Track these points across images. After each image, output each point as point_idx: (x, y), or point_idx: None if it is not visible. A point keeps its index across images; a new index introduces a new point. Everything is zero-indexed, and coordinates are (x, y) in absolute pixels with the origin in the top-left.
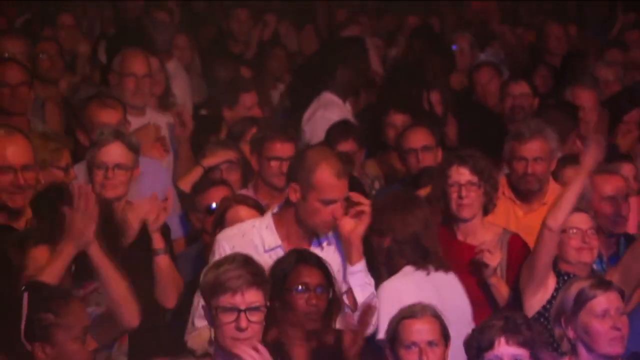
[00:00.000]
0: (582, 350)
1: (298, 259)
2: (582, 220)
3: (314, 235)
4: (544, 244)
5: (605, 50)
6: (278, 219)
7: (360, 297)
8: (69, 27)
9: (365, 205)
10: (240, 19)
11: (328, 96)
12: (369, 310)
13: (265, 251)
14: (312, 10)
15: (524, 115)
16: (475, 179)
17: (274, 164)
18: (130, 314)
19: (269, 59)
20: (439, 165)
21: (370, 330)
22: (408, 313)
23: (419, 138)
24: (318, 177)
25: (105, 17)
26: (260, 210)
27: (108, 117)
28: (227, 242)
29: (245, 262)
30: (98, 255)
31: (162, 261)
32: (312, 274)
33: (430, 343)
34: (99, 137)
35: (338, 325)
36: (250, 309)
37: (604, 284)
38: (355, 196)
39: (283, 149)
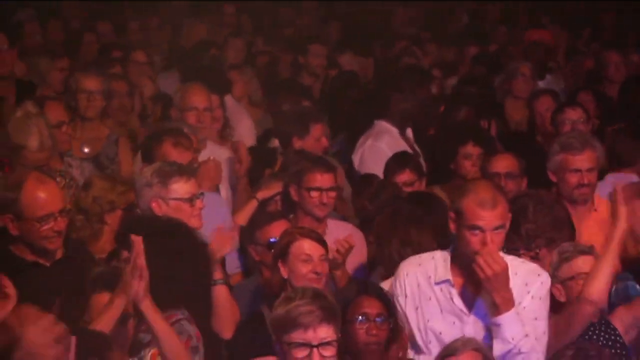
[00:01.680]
0: None
1: (359, 290)
2: (588, 264)
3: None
4: (583, 318)
5: None
6: (455, 254)
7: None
8: (140, 64)
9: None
10: (318, 53)
11: (381, 125)
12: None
13: (436, 284)
14: (371, 42)
15: None
16: None
17: (314, 194)
18: None
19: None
20: None
21: None
22: (450, 350)
23: (503, 164)
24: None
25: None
26: (323, 243)
27: (181, 155)
28: (404, 268)
29: (315, 296)
30: (150, 312)
31: (221, 291)
32: (372, 304)
33: None
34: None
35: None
36: (322, 344)
37: None
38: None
39: (323, 179)
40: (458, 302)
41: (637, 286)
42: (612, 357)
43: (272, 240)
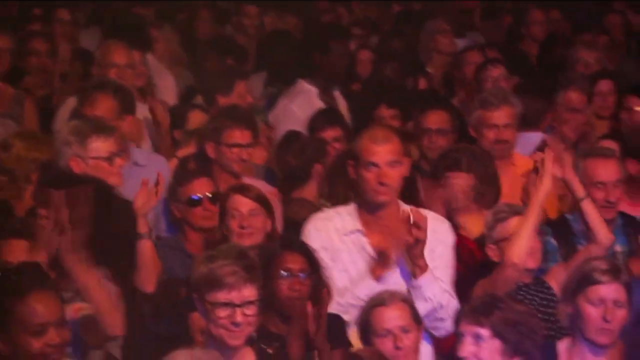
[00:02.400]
0: (577, 331)
1: (282, 246)
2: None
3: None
4: (506, 281)
5: (585, 33)
6: (360, 205)
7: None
8: (64, 22)
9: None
10: (250, 14)
11: (301, 85)
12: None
13: (346, 235)
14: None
15: None
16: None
17: (234, 150)
18: (113, 323)
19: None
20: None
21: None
22: (378, 301)
23: (435, 120)
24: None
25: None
26: (257, 198)
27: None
28: (313, 225)
29: (239, 256)
30: (75, 267)
31: (145, 245)
32: (296, 260)
33: (403, 329)
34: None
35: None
36: (245, 304)
37: (610, 273)
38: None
39: (242, 136)
40: (370, 250)
41: (554, 242)
42: (529, 313)
43: (193, 197)
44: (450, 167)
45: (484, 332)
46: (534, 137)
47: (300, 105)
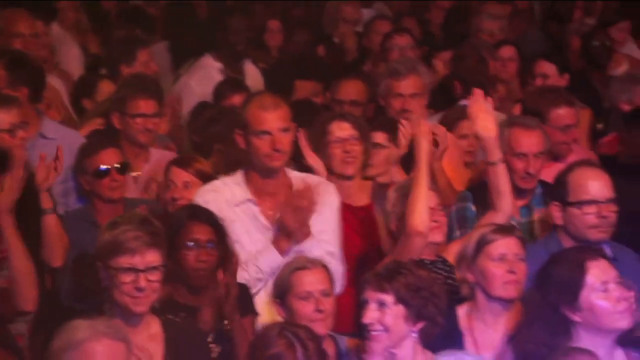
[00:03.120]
0: (479, 294)
1: (189, 216)
2: (430, 199)
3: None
4: (412, 251)
5: (490, 3)
6: (248, 174)
7: None
8: None
9: None
10: None
11: (205, 60)
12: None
13: (237, 205)
14: None
15: None
16: (357, 134)
17: (138, 120)
18: (26, 297)
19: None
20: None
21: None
22: (298, 265)
23: (348, 92)
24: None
25: None
26: (199, 174)
27: None
28: (202, 198)
29: (143, 222)
30: (7, 228)
31: (50, 220)
32: (202, 230)
33: (323, 292)
34: None
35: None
36: (149, 269)
37: (504, 230)
38: None
39: (147, 105)
40: (262, 219)
41: (474, 208)
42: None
43: (101, 168)
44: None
45: (388, 298)
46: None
47: (199, 80)
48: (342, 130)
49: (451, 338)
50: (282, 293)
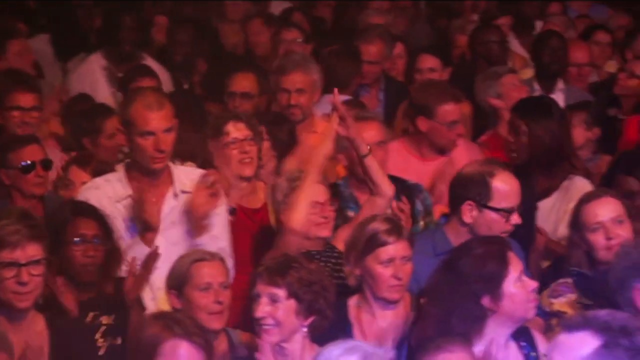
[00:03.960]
0: (367, 289)
1: (74, 211)
2: (320, 194)
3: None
4: (289, 246)
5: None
6: (129, 171)
7: None
8: None
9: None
10: None
11: (92, 57)
12: (153, 256)
13: (118, 201)
14: None
15: None
16: (252, 134)
17: (15, 114)
18: None
19: None
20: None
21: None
22: (197, 257)
23: (241, 84)
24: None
25: None
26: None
27: None
28: (84, 195)
29: (22, 216)
30: None
31: None
32: (89, 226)
33: (222, 284)
34: None
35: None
36: (30, 263)
37: (395, 231)
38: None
39: (25, 99)
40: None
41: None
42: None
43: (24, 163)
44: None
45: (280, 292)
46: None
47: (79, 76)
48: (238, 131)
49: (340, 329)
50: (180, 284)
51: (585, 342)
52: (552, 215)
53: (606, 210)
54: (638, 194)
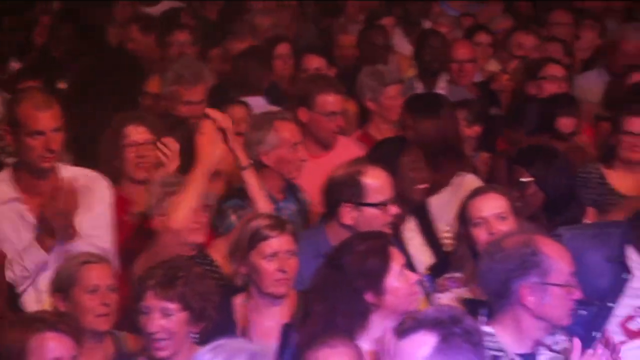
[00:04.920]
0: (253, 287)
1: None
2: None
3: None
4: (166, 248)
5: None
6: (14, 172)
7: None
8: None
9: None
10: None
11: None
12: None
13: (3, 204)
14: None
15: None
16: (153, 138)
17: None
18: None
19: None
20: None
21: None
22: (86, 258)
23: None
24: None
25: None
26: None
27: None
28: None
29: None
30: None
31: None
32: None
33: (109, 288)
34: None
35: None
36: None
37: (278, 226)
38: None
39: None
40: (30, 218)
41: None
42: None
43: None
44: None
45: (173, 305)
46: (256, 102)
47: None
48: (138, 134)
49: (226, 329)
50: (67, 286)
51: (423, 343)
52: (447, 211)
53: (490, 206)
54: (528, 185)
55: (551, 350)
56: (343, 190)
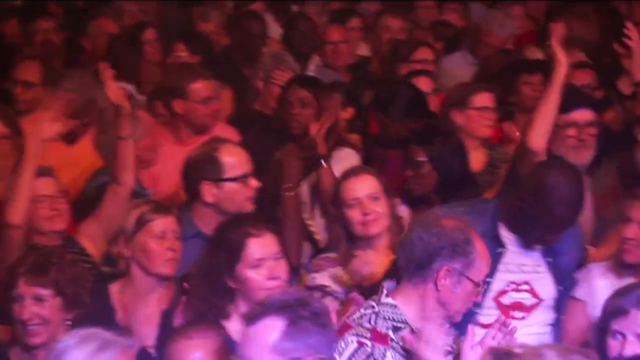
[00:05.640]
0: (136, 270)
1: None
2: (45, 186)
3: None
4: (11, 241)
5: None
6: None
7: None
8: None
9: None
10: None
11: None
12: None
13: None
14: None
15: None
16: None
17: None
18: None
19: None
20: None
21: None
22: None
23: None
24: None
25: None
26: None
27: None
28: None
29: None
30: None
31: None
32: None
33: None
34: None
35: None
36: None
37: (162, 209)
38: None
39: None
40: None
41: None
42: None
43: None
44: None
45: (45, 292)
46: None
47: None
48: None
49: (103, 317)
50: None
51: (271, 327)
52: None
53: (363, 186)
54: (423, 164)
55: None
56: (201, 168)
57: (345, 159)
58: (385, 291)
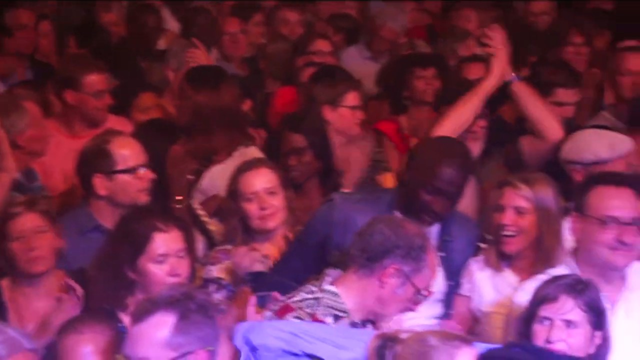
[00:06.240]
0: (13, 270)
1: None
2: None
3: None
4: None
5: None
6: None
7: None
8: None
9: None
10: None
11: None
12: None
13: None
14: None
15: None
16: None
17: None
18: None
19: None
20: None
21: None
22: None
23: None
24: None
25: None
26: None
27: None
28: None
29: None
30: None
31: None
32: None
33: None
34: None
35: None
36: None
37: (27, 205)
38: None
39: None
40: None
41: None
42: None
43: None
44: None
45: None
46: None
47: None
48: None
49: None
50: None
51: (161, 324)
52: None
53: (261, 180)
54: (304, 150)
55: None
56: (92, 161)
57: (250, 156)
58: (329, 278)
